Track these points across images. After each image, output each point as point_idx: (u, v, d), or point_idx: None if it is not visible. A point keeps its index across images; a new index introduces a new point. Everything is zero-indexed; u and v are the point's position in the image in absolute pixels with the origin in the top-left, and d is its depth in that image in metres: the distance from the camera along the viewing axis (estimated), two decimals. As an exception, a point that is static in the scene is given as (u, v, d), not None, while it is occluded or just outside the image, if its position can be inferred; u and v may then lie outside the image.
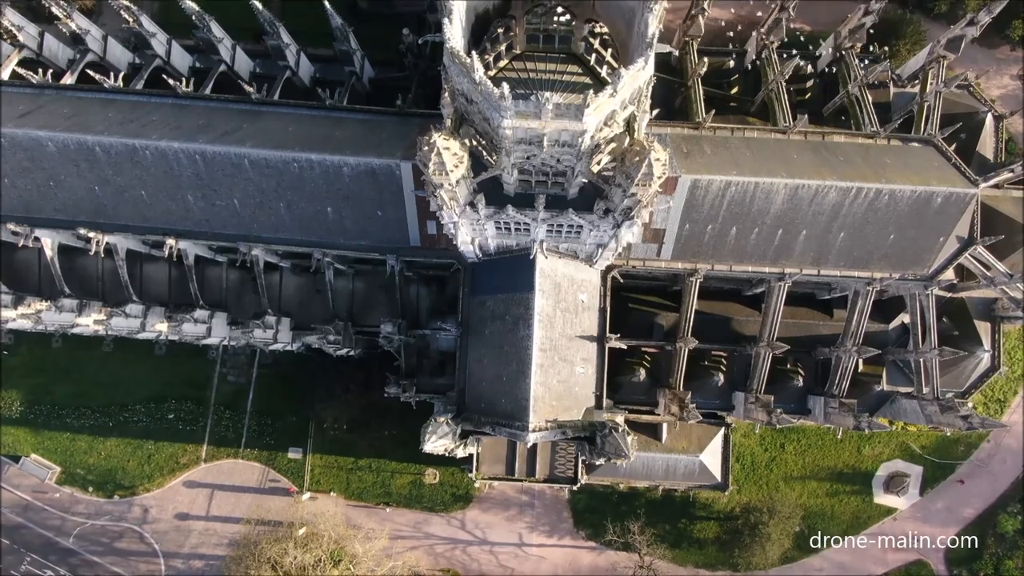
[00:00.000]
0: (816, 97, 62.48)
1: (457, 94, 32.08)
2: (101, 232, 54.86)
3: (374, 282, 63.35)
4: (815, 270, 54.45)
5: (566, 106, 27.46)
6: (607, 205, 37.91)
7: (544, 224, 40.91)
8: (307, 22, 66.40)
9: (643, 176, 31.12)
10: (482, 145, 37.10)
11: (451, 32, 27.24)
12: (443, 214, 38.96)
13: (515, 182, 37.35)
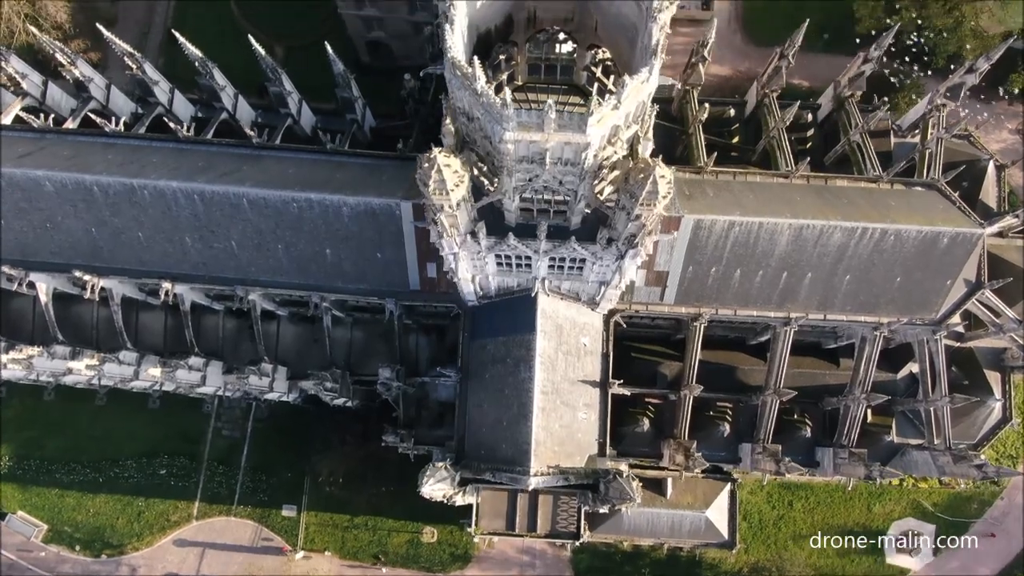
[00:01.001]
0: (817, 147, 62.42)
1: (458, 113, 31.71)
2: (97, 276, 54.18)
3: (373, 331, 62.40)
4: (821, 315, 53.56)
5: (569, 116, 27.00)
6: (610, 234, 37.28)
7: (546, 257, 40.21)
8: (309, 76, 66.70)
9: (648, 195, 30.53)
10: (483, 172, 36.65)
11: (452, 40, 26.94)
12: (443, 244, 38.28)
13: (517, 210, 36.80)
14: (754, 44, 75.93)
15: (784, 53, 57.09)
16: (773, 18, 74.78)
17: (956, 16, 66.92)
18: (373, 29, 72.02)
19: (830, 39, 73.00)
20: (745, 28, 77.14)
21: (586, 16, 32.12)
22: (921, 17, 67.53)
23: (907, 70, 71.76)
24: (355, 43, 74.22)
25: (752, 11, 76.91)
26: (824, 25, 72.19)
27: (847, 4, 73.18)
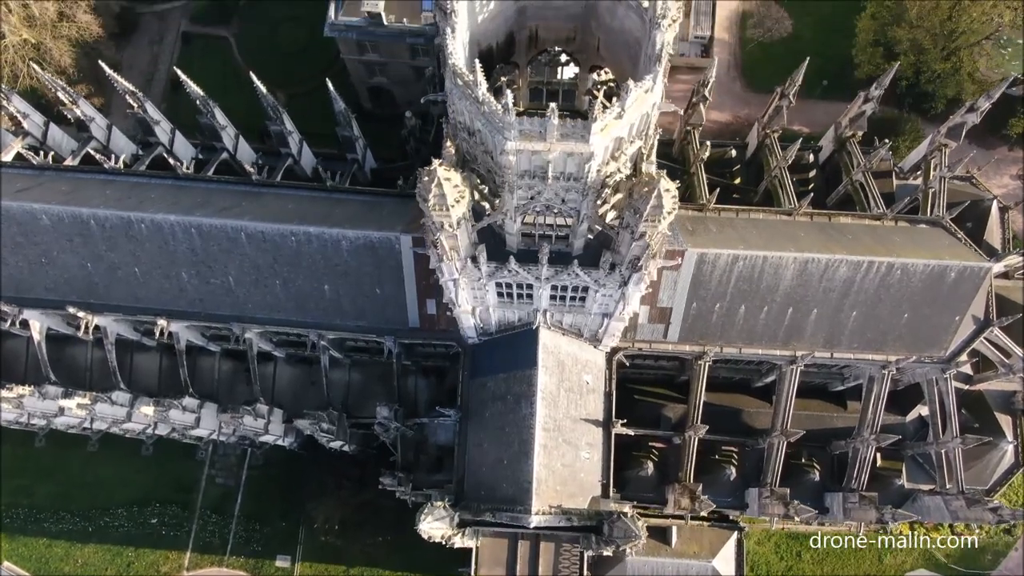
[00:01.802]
0: (819, 188, 62.09)
1: (458, 129, 31.30)
2: (91, 313, 53.37)
3: (371, 373, 61.38)
4: (828, 352, 52.58)
5: (572, 124, 26.53)
6: (613, 258, 36.58)
7: (547, 285, 39.46)
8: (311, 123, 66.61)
9: (652, 209, 29.90)
10: (484, 196, 36.15)
11: (453, 47, 26.60)
12: (443, 269, 37.56)
13: (518, 234, 36.19)
14: (753, 91, 76.38)
15: (785, 92, 57.19)
16: (772, 65, 75.30)
17: (954, 61, 67.29)
18: (375, 75, 72.51)
19: (829, 86, 73.37)
20: (744, 75, 77.72)
21: (588, 36, 31.96)
22: (919, 62, 67.81)
23: (907, 116, 71.96)
24: (357, 89, 74.74)
25: (751, 58, 77.59)
26: (823, 72, 72.57)
27: (845, 51, 73.81)
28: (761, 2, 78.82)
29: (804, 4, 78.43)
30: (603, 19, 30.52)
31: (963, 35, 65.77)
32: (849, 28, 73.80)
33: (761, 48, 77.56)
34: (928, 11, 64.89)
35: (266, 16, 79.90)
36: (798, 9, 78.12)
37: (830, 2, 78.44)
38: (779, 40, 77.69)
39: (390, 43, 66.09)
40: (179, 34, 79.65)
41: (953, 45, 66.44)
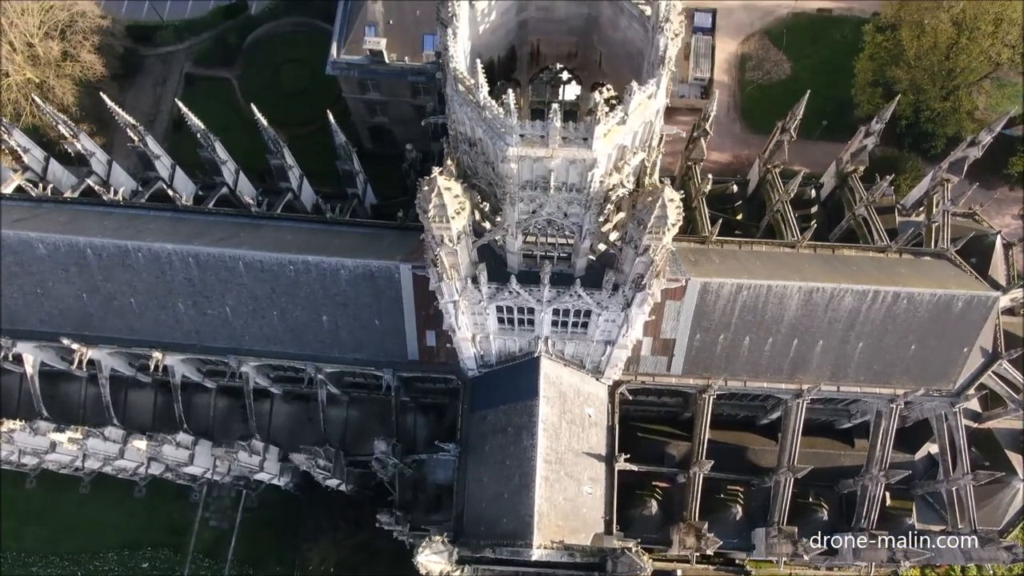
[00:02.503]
0: (821, 224, 61.68)
1: (459, 141, 30.94)
2: (86, 345, 52.54)
3: (369, 410, 60.38)
4: (834, 386, 51.62)
5: (575, 127, 26.14)
6: (616, 279, 35.95)
7: (549, 308, 38.79)
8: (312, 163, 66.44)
9: (656, 220, 29.36)
10: (485, 214, 35.69)
11: (454, 51, 26.36)
12: (443, 290, 36.89)
13: (520, 253, 35.62)
14: (753, 132, 76.61)
15: (786, 127, 57.20)
16: (771, 106, 75.57)
17: (953, 100, 67.54)
18: (376, 114, 72.78)
19: (829, 126, 73.54)
20: (744, 117, 78.05)
21: (590, 50, 31.82)
22: (919, 102, 68.06)
23: (907, 155, 72.01)
24: (358, 129, 74.93)
25: (750, 100, 78.01)
26: (822, 112, 72.79)
27: (844, 92, 74.20)
28: (759, 45, 79.42)
29: (802, 47, 79.12)
30: (605, 32, 30.39)
31: (961, 74, 66.05)
32: (847, 70, 74.34)
33: (760, 90, 78.02)
34: (926, 51, 65.29)
35: (269, 58, 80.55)
36: (796, 52, 78.77)
37: (828, 46, 79.08)
38: (778, 82, 78.21)
39: (391, 81, 66.40)
40: (182, 76, 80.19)
41: (952, 84, 66.71)
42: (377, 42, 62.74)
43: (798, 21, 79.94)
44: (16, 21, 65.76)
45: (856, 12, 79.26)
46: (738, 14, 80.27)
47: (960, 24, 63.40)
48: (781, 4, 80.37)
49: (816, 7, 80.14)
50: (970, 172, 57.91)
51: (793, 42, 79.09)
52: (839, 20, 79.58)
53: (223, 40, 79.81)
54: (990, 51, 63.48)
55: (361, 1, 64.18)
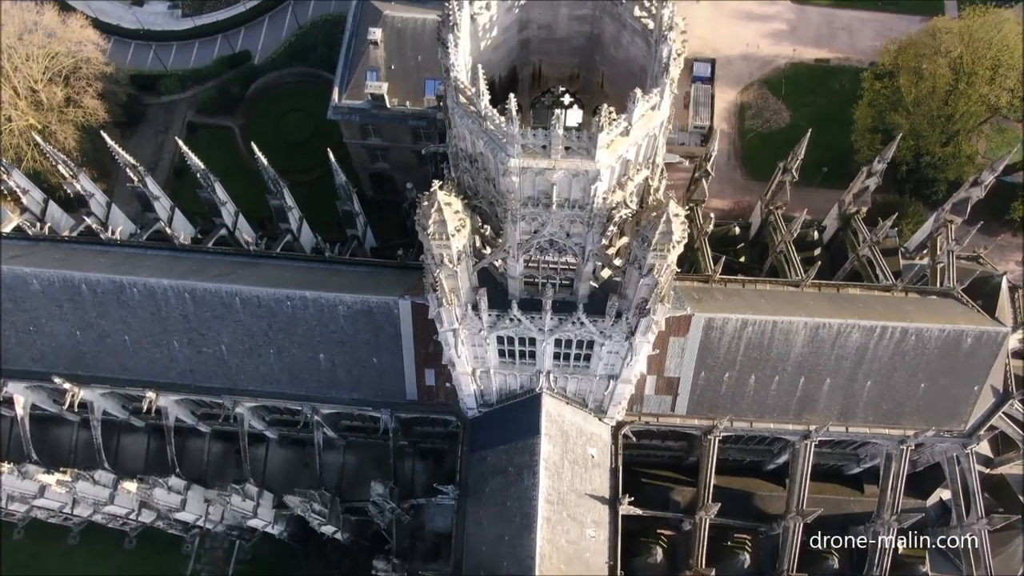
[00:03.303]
0: (825, 266, 61.12)
1: (460, 159, 30.50)
2: (78, 385, 51.55)
3: (366, 455, 58.97)
4: (843, 426, 50.42)
5: (578, 136, 25.70)
6: (620, 306, 35.21)
7: (551, 339, 37.94)
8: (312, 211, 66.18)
9: (661, 236, 28.73)
10: (486, 238, 35.13)
11: (455, 58, 26.04)
12: (443, 317, 36.08)
13: (521, 277, 34.93)
14: (754, 179, 76.59)
15: (787, 167, 57.01)
16: (771, 154, 75.38)
17: (953, 145, 67.62)
18: (377, 160, 72.87)
19: (829, 173, 73.55)
20: (744, 164, 78.18)
21: (592, 72, 31.63)
22: (919, 147, 68.14)
23: (909, 200, 71.84)
24: (359, 176, 74.91)
25: (750, 147, 78.22)
26: (822, 160, 72.89)
27: (844, 140, 74.38)
28: (758, 94, 79.97)
29: (801, 96, 79.66)
30: (607, 50, 30.21)
31: (961, 120, 66.24)
32: (846, 119, 74.67)
33: (760, 138, 78.30)
34: (925, 96, 65.58)
35: (271, 108, 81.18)
36: (795, 101, 79.28)
37: (826, 95, 79.65)
38: (778, 130, 78.51)
39: (392, 126, 66.55)
40: (184, 124, 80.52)
41: (952, 129, 66.87)
42: (379, 86, 63.02)
43: (796, 71, 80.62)
44: (20, 66, 66.15)
45: (853, 62, 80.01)
46: (736, 64, 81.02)
47: (958, 69, 63.75)
48: (779, 55, 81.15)
49: (813, 57, 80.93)
50: (971, 218, 57.47)
51: (792, 91, 79.66)
52: (836, 70, 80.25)
53: (226, 89, 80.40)
54: (989, 95, 63.65)
55: (363, 47, 64.57)
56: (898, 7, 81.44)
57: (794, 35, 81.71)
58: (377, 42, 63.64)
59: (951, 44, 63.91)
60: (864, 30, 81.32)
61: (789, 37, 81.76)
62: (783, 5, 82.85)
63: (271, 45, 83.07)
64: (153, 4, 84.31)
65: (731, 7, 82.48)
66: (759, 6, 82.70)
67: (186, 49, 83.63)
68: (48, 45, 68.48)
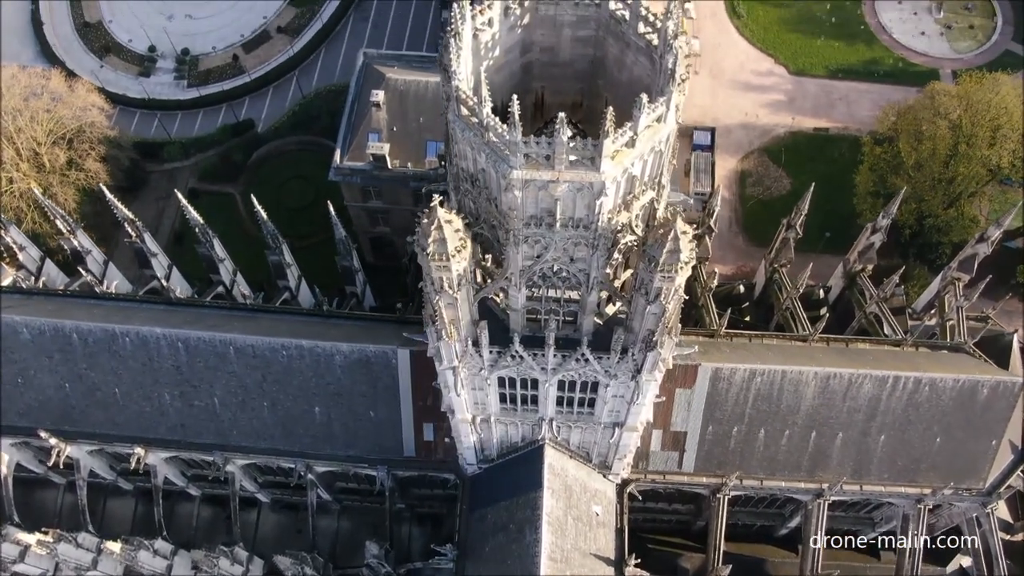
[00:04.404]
0: (832, 326, 60.12)
1: (461, 180, 29.87)
2: (64, 441, 49.91)
3: (362, 519, 57.05)
4: (857, 485, 48.56)
5: (583, 144, 25.08)
6: (625, 340, 34.06)
7: (554, 380, 36.63)
8: (312, 275, 65.62)
9: (669, 256, 27.78)
10: (487, 270, 34.26)
11: (456, 66, 25.60)
12: (442, 354, 34.88)
13: (523, 312, 33.89)
14: (756, 245, 76.04)
15: (791, 223, 56.60)
16: (773, 220, 75.01)
17: (956, 208, 67.40)
18: (378, 224, 72.63)
19: (832, 238, 73.14)
20: (746, 231, 77.89)
21: (596, 98, 31.28)
22: (921, 210, 67.92)
23: (913, 264, 71.22)
24: (360, 240, 74.52)
25: (751, 214, 78.05)
26: (825, 225, 72.65)
27: (846, 206, 74.20)
28: (759, 162, 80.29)
29: (801, 164, 79.86)
30: (611, 74, 29.93)
31: (963, 182, 66.16)
32: (847, 185, 74.54)
33: (762, 205, 78.19)
34: (926, 158, 65.62)
35: (273, 174, 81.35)
36: (795, 168, 79.47)
37: (826, 163, 79.88)
38: (779, 197, 78.41)
39: (393, 187, 66.41)
40: (186, 190, 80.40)
41: (955, 192, 66.74)
42: (380, 147, 63.17)
43: (796, 140, 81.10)
44: (24, 127, 66.49)
45: (852, 131, 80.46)
46: (736, 133, 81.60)
47: (958, 132, 63.96)
48: (778, 124, 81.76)
49: (812, 126, 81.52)
50: (978, 276, 56.81)
51: (792, 159, 79.94)
52: (836, 138, 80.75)
53: (228, 157, 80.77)
54: (991, 156, 63.72)
55: (366, 109, 65.01)
56: (895, 78, 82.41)
57: (792, 105, 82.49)
58: (379, 104, 64.10)
59: (950, 106, 64.31)
60: (861, 101, 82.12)
61: (787, 107, 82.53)
62: (780, 76, 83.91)
63: (275, 114, 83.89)
64: (159, 75, 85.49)
65: (729, 78, 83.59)
66: (757, 77, 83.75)
67: (190, 118, 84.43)
68: (53, 109, 68.96)
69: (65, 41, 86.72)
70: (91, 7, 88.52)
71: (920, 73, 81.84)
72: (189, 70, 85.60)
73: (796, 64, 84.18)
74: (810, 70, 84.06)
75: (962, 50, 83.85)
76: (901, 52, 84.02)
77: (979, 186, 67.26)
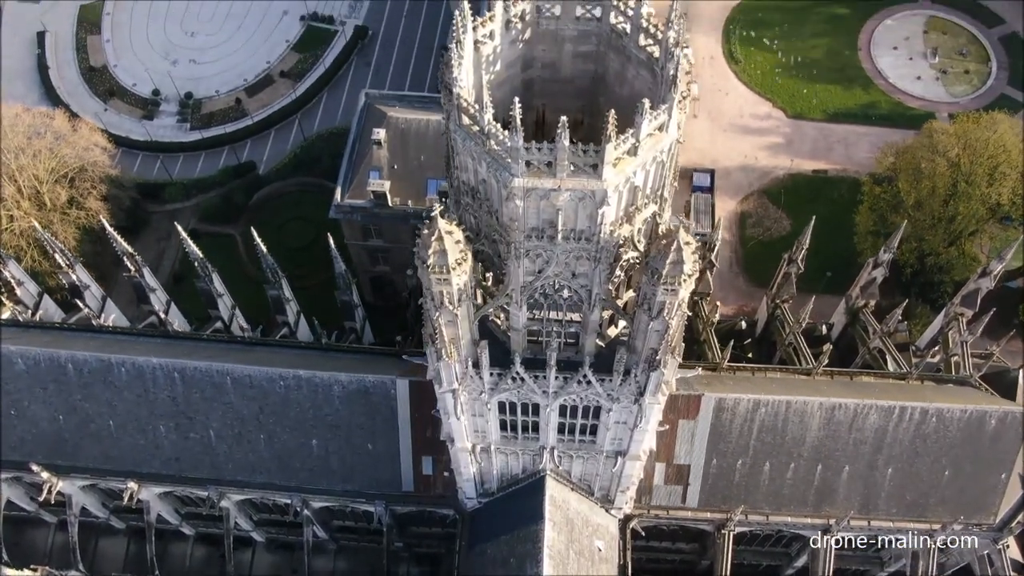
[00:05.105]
0: (835, 363, 59.60)
1: (462, 194, 29.63)
2: (56, 475, 49.01)
3: (359, 560, 56.10)
4: (865, 520, 47.53)
5: (584, 151, 24.92)
6: (628, 361, 33.54)
7: (556, 403, 35.98)
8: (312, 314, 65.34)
9: (672, 267, 27.42)
10: (488, 290, 33.90)
11: (457, 73, 25.54)
12: (442, 375, 34.26)
13: (524, 332, 33.43)
14: (756, 285, 75.77)
15: (793, 258, 56.40)
16: (773, 261, 74.85)
17: (957, 246, 67.31)
18: (378, 263, 72.54)
19: (833, 278, 72.84)
20: (746, 271, 77.76)
21: (597, 117, 31.17)
22: (922, 248, 67.83)
23: (915, 303, 70.86)
24: (360, 280, 74.21)
25: (752, 255, 77.98)
26: (826, 265, 72.47)
27: (846, 247, 74.14)
28: (758, 204, 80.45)
29: (801, 205, 79.77)
30: (612, 90, 29.95)
31: (963, 220, 66.18)
32: (847, 226, 74.54)
33: (762, 246, 78.11)
34: (925, 196, 65.73)
35: (274, 216, 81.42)
36: (795, 210, 79.44)
37: (826, 204, 79.95)
38: (779, 238, 78.33)
39: (394, 225, 66.44)
40: (187, 231, 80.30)
41: (955, 231, 66.71)
42: (381, 184, 63.34)
43: (795, 182, 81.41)
44: (26, 165, 66.69)
45: (851, 173, 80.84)
46: (736, 175, 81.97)
47: (957, 170, 64.14)
48: (777, 166, 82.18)
49: (811, 168, 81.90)
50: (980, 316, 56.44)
51: (792, 201, 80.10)
52: (835, 180, 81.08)
53: (230, 198, 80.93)
54: (990, 194, 63.82)
55: (367, 147, 65.36)
56: (892, 122, 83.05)
57: (791, 147, 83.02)
58: (381, 142, 64.46)
59: (948, 144, 64.62)
60: (859, 143, 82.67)
61: (786, 149, 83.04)
62: (779, 120, 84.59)
63: (276, 156, 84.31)
64: (162, 117, 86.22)
65: (728, 121, 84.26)
66: (755, 120, 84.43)
67: (192, 160, 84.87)
68: (56, 147, 69.27)
69: (70, 85, 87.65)
70: (97, 52, 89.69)
71: (917, 116, 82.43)
72: (192, 113, 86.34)
73: (794, 108, 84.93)
74: (808, 114, 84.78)
75: (958, 94, 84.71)
76: (898, 96, 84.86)
77: (979, 224, 67.20)
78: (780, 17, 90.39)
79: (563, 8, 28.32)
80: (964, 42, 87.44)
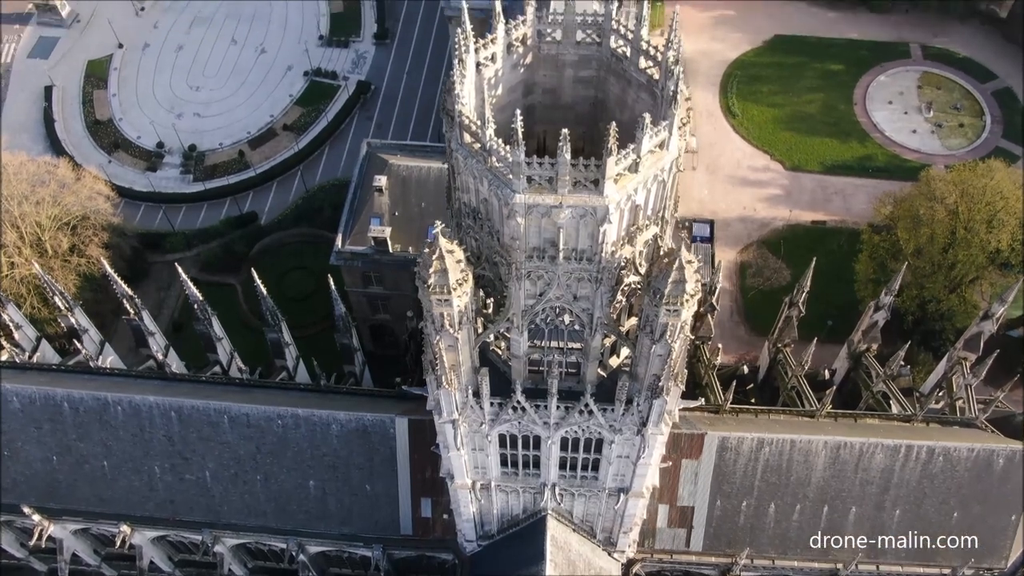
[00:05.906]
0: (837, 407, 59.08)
1: (463, 215, 29.66)
2: (48, 518, 48.11)
3: (355, 608, 54.27)
4: (873, 564, 46.58)
5: (585, 165, 25.01)
6: (630, 390, 33.17)
7: (557, 435, 35.51)
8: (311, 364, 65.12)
9: (674, 287, 27.26)
10: (488, 318, 33.71)
11: (460, 89, 25.78)
12: (441, 404, 33.87)
13: (525, 360, 33.14)
14: (757, 334, 75.53)
15: (794, 301, 56.31)
16: (774, 310, 74.74)
17: (958, 294, 67.27)
18: (378, 311, 72.41)
19: (833, 326, 72.63)
20: (747, 320, 77.65)
21: (597, 145, 31.27)
22: (923, 296, 67.78)
23: (916, 350, 70.49)
24: (359, 329, 74.01)
25: (752, 304, 77.92)
26: (826, 314, 72.39)
27: (846, 296, 74.13)
28: (758, 254, 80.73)
29: (800, 255, 79.68)
30: (613, 115, 30.11)
31: (962, 267, 66.25)
32: (847, 276, 74.69)
33: (762, 295, 78.12)
34: (925, 243, 65.93)
35: (275, 265, 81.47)
36: (795, 259, 79.62)
37: (825, 254, 79.92)
38: (779, 288, 78.31)
39: (395, 272, 66.49)
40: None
41: (956, 278, 66.75)
42: (382, 230, 63.65)
43: (794, 232, 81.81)
44: (28, 212, 67.04)
45: (849, 223, 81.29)
46: (735, 226, 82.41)
47: (955, 215, 64.47)
48: (776, 217, 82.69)
49: (810, 219, 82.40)
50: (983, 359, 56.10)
51: (791, 251, 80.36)
52: (833, 231, 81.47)
53: (231, 248, 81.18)
54: (989, 240, 64.01)
55: (368, 195, 65.81)
56: (889, 173, 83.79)
57: (789, 199, 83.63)
58: (382, 189, 64.97)
59: (946, 192, 65.05)
60: (857, 195, 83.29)
61: (785, 201, 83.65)
62: (777, 172, 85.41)
63: (278, 207, 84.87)
64: (166, 169, 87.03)
65: (726, 173, 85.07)
66: (754, 173, 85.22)
67: (195, 210, 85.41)
68: (59, 195, 69.73)
69: (76, 137, 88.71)
70: (103, 105, 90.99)
71: (913, 168, 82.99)
72: (195, 165, 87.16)
73: (791, 160, 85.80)
74: (805, 166, 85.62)
75: (953, 147, 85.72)
76: (894, 149, 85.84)
77: (980, 271, 67.23)
78: (776, 73, 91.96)
79: (564, 32, 28.70)
80: (958, 96, 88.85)
